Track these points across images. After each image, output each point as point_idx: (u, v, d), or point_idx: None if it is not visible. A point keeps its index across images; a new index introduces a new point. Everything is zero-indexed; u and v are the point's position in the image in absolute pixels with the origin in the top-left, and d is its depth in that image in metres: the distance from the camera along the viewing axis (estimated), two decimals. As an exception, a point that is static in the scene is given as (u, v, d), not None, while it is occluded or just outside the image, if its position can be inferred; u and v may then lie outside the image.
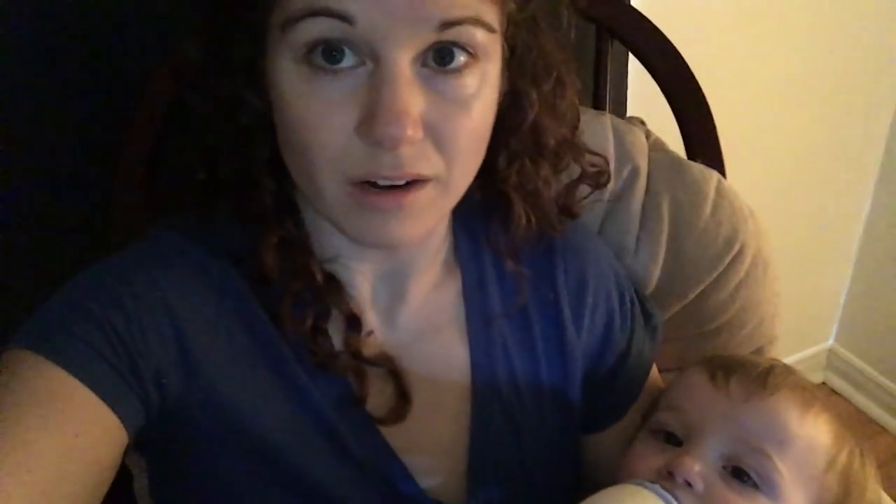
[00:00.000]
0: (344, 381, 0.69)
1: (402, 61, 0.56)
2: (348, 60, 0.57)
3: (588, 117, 0.93)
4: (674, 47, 0.97)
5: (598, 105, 1.02)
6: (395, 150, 0.57)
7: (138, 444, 0.66)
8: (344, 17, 0.54)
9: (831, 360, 2.20)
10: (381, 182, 0.59)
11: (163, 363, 0.63)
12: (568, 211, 0.80)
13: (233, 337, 0.67)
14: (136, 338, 0.62)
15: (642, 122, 1.00)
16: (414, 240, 0.64)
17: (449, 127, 0.59)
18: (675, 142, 1.00)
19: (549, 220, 0.78)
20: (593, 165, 0.79)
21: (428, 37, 0.56)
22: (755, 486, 0.68)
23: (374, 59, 0.56)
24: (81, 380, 0.58)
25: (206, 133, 0.67)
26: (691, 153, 0.99)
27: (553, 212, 0.78)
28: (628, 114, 1.02)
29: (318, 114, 0.58)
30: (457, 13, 0.56)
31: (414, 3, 0.54)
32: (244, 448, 0.66)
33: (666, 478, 0.68)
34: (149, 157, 0.88)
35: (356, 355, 0.70)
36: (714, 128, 0.99)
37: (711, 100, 0.98)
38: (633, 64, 0.99)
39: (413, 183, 0.60)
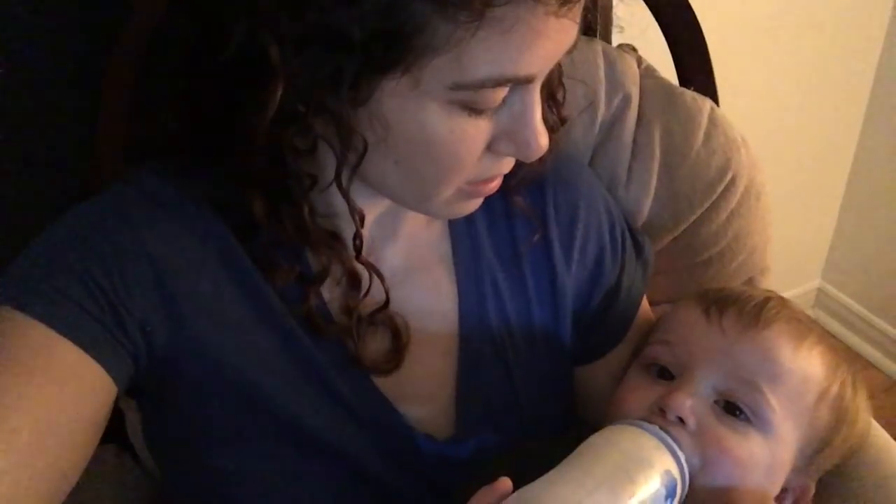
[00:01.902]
0: (338, 338, 0.68)
1: (539, 88, 0.60)
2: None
3: (579, 44, 0.90)
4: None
5: (587, 32, 0.99)
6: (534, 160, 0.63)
7: (128, 389, 0.65)
8: (527, 80, 0.57)
9: (820, 298, 2.21)
10: None
11: (147, 311, 0.61)
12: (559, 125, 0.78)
13: (217, 284, 0.65)
14: (118, 287, 0.60)
15: (634, 50, 0.97)
16: None
17: None
18: (667, 71, 0.98)
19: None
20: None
21: None
22: (747, 420, 0.68)
23: (517, 90, 0.59)
24: (64, 335, 0.57)
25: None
26: (684, 81, 0.97)
27: None
28: (619, 42, 0.99)
29: (464, 147, 0.59)
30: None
31: (570, 44, 0.59)
32: (232, 394, 0.65)
33: (658, 414, 0.67)
34: (131, 97, 0.85)
35: (353, 316, 0.68)
36: (707, 54, 0.97)
37: (705, 27, 0.96)
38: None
39: None
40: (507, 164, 0.65)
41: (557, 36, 0.55)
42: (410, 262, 0.74)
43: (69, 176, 0.92)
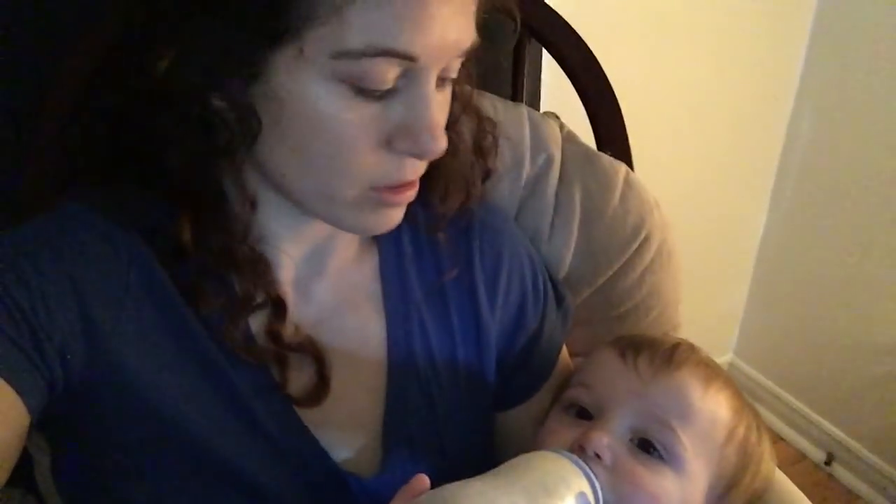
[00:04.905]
0: (262, 365, 0.68)
1: (434, 82, 0.61)
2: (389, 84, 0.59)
3: (506, 107, 0.96)
4: (587, 47, 1.00)
5: (515, 98, 1.05)
6: (430, 159, 0.64)
7: (41, 423, 0.63)
8: (409, 58, 0.58)
9: (731, 373, 2.24)
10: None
11: (67, 338, 0.61)
12: (485, 175, 0.82)
13: (141, 312, 0.64)
14: (40, 313, 0.59)
15: (556, 117, 1.03)
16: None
17: None
18: (587, 137, 1.03)
19: (466, 190, 0.79)
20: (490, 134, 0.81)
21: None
22: (661, 458, 0.70)
23: (410, 81, 0.60)
24: None
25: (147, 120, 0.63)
26: (601, 146, 1.02)
27: (470, 182, 0.79)
28: (544, 109, 1.05)
29: (356, 132, 0.60)
30: (470, 43, 0.62)
31: (460, 40, 0.60)
32: (152, 426, 0.64)
33: (577, 451, 0.69)
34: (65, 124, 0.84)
35: (277, 341, 0.69)
36: (623, 123, 1.02)
37: (622, 100, 1.02)
38: (550, 63, 1.02)
39: None
40: (412, 168, 0.64)
41: (442, 18, 0.57)
42: (339, 298, 0.75)
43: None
